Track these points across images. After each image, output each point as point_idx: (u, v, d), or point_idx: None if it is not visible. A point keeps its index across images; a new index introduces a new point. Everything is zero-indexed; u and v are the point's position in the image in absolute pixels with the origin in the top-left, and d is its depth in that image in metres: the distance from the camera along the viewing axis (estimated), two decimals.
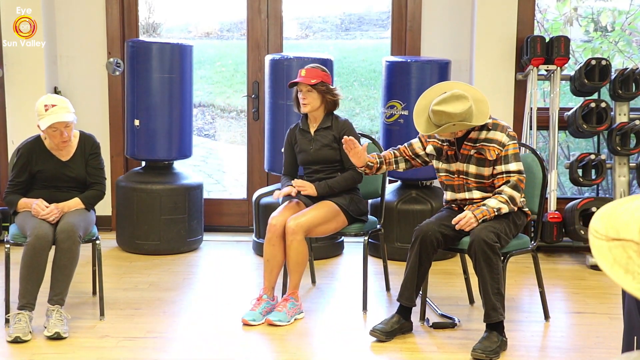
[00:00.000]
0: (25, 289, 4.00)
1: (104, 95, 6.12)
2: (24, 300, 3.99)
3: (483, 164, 3.97)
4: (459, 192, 4.08)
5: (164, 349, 3.92)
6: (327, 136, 4.45)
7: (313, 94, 4.40)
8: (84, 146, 4.32)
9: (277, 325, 4.16)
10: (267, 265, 4.32)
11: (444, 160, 4.09)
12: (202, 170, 8.49)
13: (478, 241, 3.79)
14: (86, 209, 4.28)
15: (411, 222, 5.36)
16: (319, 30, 9.60)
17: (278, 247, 4.28)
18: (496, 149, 3.93)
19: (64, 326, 4.01)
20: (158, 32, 8.19)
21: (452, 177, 4.08)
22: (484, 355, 3.75)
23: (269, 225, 4.31)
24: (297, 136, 4.54)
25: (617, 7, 6.80)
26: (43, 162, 4.25)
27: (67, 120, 4.13)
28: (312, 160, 4.48)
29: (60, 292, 4.06)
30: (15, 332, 3.91)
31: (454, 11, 5.90)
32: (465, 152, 4.00)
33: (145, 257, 5.56)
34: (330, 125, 4.46)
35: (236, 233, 6.21)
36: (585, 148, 6.65)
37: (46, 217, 4.11)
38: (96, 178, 4.33)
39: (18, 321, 3.94)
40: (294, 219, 4.24)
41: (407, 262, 4.03)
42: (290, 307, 4.23)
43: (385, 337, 3.99)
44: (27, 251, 3.99)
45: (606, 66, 5.45)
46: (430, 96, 3.96)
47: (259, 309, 4.26)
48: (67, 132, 4.17)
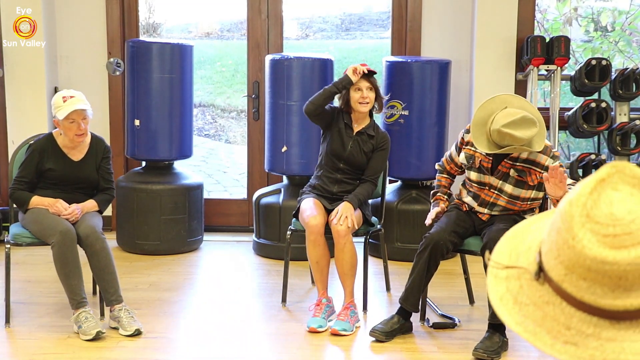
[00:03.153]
0: (71, 287, 3.99)
1: (104, 95, 6.11)
2: (77, 298, 3.99)
3: (522, 187, 3.90)
4: (482, 206, 4.01)
5: (164, 349, 3.92)
6: (367, 143, 4.39)
7: (372, 94, 4.34)
8: (96, 148, 4.32)
9: (342, 335, 4.08)
10: (317, 267, 4.26)
11: (476, 169, 4.01)
12: (202, 170, 8.49)
13: (494, 242, 3.74)
14: (100, 211, 4.29)
15: (411, 222, 5.36)
16: (319, 30, 9.60)
17: (324, 246, 4.24)
18: (539, 173, 3.85)
19: (137, 322, 4.03)
20: (158, 32, 8.19)
21: (483, 188, 4.01)
22: (485, 355, 3.75)
23: (310, 227, 4.21)
24: (339, 123, 4.41)
25: (617, 7, 6.80)
26: (55, 161, 4.24)
27: (84, 108, 4.14)
28: (344, 157, 4.39)
29: (114, 291, 4.06)
30: (91, 328, 3.91)
31: (454, 11, 5.90)
32: (504, 170, 3.92)
33: (146, 257, 5.55)
34: (373, 134, 4.40)
35: (236, 233, 6.21)
36: (585, 148, 6.65)
37: (68, 216, 4.10)
38: (109, 183, 4.34)
39: (85, 319, 3.94)
40: (339, 222, 4.16)
41: (414, 267, 4.00)
42: (352, 316, 4.17)
43: (385, 338, 3.98)
44: (58, 251, 3.98)
45: (606, 66, 5.45)
46: (490, 108, 3.81)
47: (322, 314, 4.20)
48: (84, 124, 4.17)
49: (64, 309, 4.26)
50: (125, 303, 4.09)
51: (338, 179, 4.42)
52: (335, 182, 4.41)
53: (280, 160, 5.49)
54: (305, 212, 4.27)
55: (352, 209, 4.21)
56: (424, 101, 5.38)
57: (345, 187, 4.39)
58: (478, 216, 4.05)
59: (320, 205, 4.32)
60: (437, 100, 5.40)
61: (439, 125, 5.43)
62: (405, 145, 5.40)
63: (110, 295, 4.06)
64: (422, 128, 5.41)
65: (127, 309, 4.07)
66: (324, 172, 4.45)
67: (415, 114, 5.37)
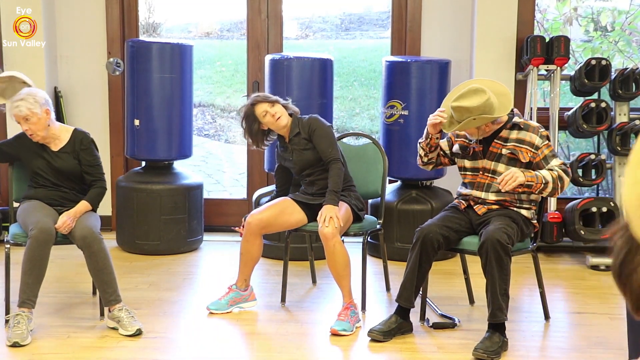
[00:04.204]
0: (25, 284, 3.95)
1: (104, 95, 6.12)
2: (24, 296, 3.95)
3: (514, 165, 3.96)
4: (477, 189, 4.07)
5: (164, 349, 3.92)
6: (300, 142, 4.42)
7: (276, 107, 4.40)
8: (75, 141, 4.30)
9: (342, 335, 4.07)
10: (242, 258, 4.44)
11: (469, 157, 4.08)
12: (202, 170, 8.49)
13: (492, 241, 3.78)
14: (93, 209, 4.28)
15: (411, 222, 5.36)
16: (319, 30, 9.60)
17: (255, 244, 4.39)
18: (529, 151, 3.94)
19: (138, 321, 4.03)
20: (158, 32, 8.19)
21: (477, 174, 4.07)
22: (485, 355, 3.75)
23: (247, 223, 4.35)
24: (280, 152, 4.56)
25: (617, 7, 6.80)
26: (34, 149, 4.25)
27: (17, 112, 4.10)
28: (298, 167, 4.46)
29: (113, 291, 4.06)
30: (13, 336, 3.86)
31: (454, 11, 5.90)
32: (495, 150, 4.00)
33: (145, 257, 5.55)
34: (298, 130, 4.43)
35: (236, 233, 6.20)
36: (585, 148, 6.65)
37: (60, 228, 4.06)
38: (96, 175, 4.30)
39: (17, 324, 3.89)
40: (326, 224, 4.16)
41: (407, 262, 4.03)
42: (352, 316, 4.17)
43: (383, 337, 3.98)
44: (30, 244, 3.96)
45: (606, 66, 5.45)
46: (452, 95, 3.99)
47: (225, 299, 4.42)
48: (27, 126, 4.12)
49: (64, 309, 4.26)
50: (125, 303, 4.09)
51: (310, 181, 4.46)
52: (310, 185, 4.46)
53: None
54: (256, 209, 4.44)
55: (334, 209, 4.19)
56: (424, 101, 5.38)
57: (321, 184, 4.41)
58: (475, 210, 4.06)
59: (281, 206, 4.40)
60: (437, 100, 5.39)
61: None
62: (405, 145, 5.40)
63: (109, 296, 4.05)
64: (422, 128, 5.36)
65: (127, 308, 4.06)
66: (299, 184, 4.55)
67: (415, 114, 5.37)
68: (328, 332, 4.12)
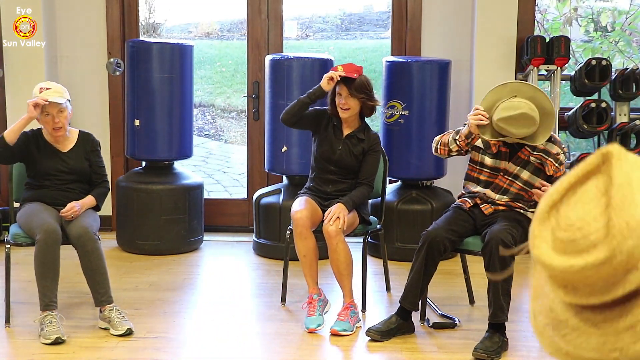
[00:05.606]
0: (44, 288, 3.96)
1: (104, 95, 6.11)
2: (46, 300, 3.96)
3: (538, 175, 3.95)
4: (494, 190, 4.03)
5: (164, 349, 3.92)
6: (357, 146, 4.37)
7: (353, 101, 4.28)
8: (84, 142, 4.33)
9: (342, 335, 4.07)
10: (305, 260, 4.23)
11: (491, 155, 4.03)
12: (202, 170, 8.49)
13: (496, 241, 3.77)
14: (98, 206, 4.29)
15: (411, 222, 5.36)
16: (319, 30, 9.61)
17: (311, 239, 4.21)
18: (553, 164, 3.94)
19: (128, 321, 4.02)
20: (158, 32, 8.19)
21: (496, 174, 4.03)
22: (485, 356, 3.75)
23: (295, 220, 4.20)
24: (328, 125, 4.41)
25: (617, 7, 6.80)
26: (43, 151, 4.24)
27: (58, 101, 4.11)
28: (334, 160, 4.38)
29: (105, 292, 4.05)
30: (52, 333, 3.87)
31: (454, 11, 5.90)
32: (523, 157, 3.97)
33: (146, 257, 5.55)
34: (363, 137, 4.37)
35: (236, 233, 6.21)
36: (585, 148, 6.66)
37: (67, 214, 4.07)
38: (102, 177, 4.35)
39: (49, 323, 3.90)
40: (330, 223, 4.14)
41: (413, 265, 4.01)
42: (352, 316, 4.15)
43: (381, 337, 3.97)
44: (39, 248, 3.96)
45: (606, 66, 5.45)
46: (500, 95, 3.86)
47: (317, 311, 4.17)
48: (59, 117, 4.14)
49: (63, 309, 4.26)
50: (117, 304, 4.09)
51: (331, 180, 4.42)
52: (328, 183, 4.42)
53: (280, 161, 5.49)
54: (293, 208, 4.29)
55: (345, 210, 4.19)
56: (424, 101, 5.38)
57: (339, 187, 4.40)
58: (481, 210, 4.04)
59: (311, 202, 4.32)
60: (437, 100, 5.40)
61: (439, 125, 5.42)
62: (405, 145, 5.40)
63: (100, 296, 4.05)
64: (422, 128, 5.41)
65: (118, 309, 4.06)
66: (316, 174, 4.47)
67: (415, 114, 5.37)
68: (328, 332, 4.12)
